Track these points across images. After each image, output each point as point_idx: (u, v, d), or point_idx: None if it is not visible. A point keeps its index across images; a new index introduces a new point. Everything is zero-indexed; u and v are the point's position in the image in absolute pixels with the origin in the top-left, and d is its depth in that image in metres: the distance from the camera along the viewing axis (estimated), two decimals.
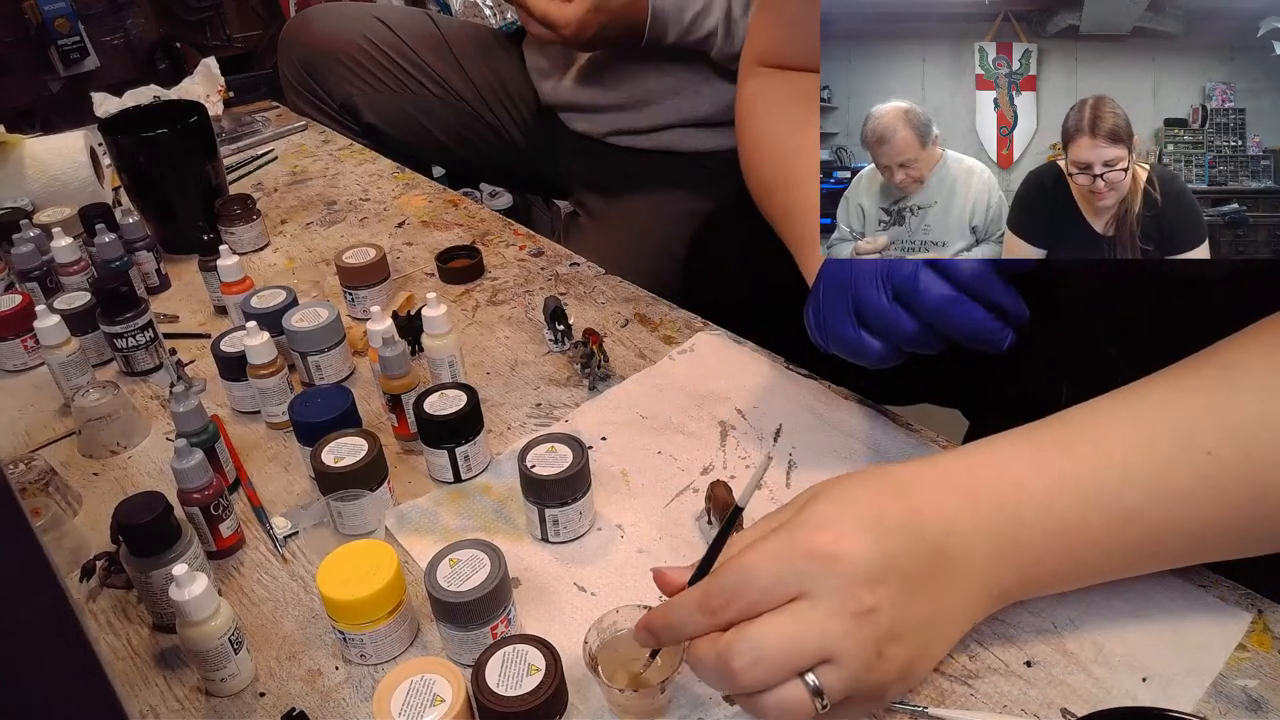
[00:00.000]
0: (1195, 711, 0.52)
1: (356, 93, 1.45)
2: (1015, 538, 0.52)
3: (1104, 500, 0.52)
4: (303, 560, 0.71)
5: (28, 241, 1.01)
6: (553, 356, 0.90)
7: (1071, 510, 0.52)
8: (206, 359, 0.92)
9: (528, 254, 1.08)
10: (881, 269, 0.60)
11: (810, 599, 0.48)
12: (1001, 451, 0.55)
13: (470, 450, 0.74)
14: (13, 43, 2.34)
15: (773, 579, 0.49)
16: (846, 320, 0.63)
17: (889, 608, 0.49)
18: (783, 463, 0.74)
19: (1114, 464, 0.52)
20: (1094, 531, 0.52)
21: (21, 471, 0.75)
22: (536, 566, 0.67)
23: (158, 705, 0.61)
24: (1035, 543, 0.52)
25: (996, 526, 0.52)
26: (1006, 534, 0.52)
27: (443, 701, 0.54)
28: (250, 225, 1.13)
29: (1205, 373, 0.53)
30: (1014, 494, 0.52)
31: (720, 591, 0.50)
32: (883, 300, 0.61)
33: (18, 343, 0.93)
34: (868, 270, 0.61)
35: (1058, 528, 0.52)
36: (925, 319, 0.60)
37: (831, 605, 0.48)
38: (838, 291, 0.63)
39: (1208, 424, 0.51)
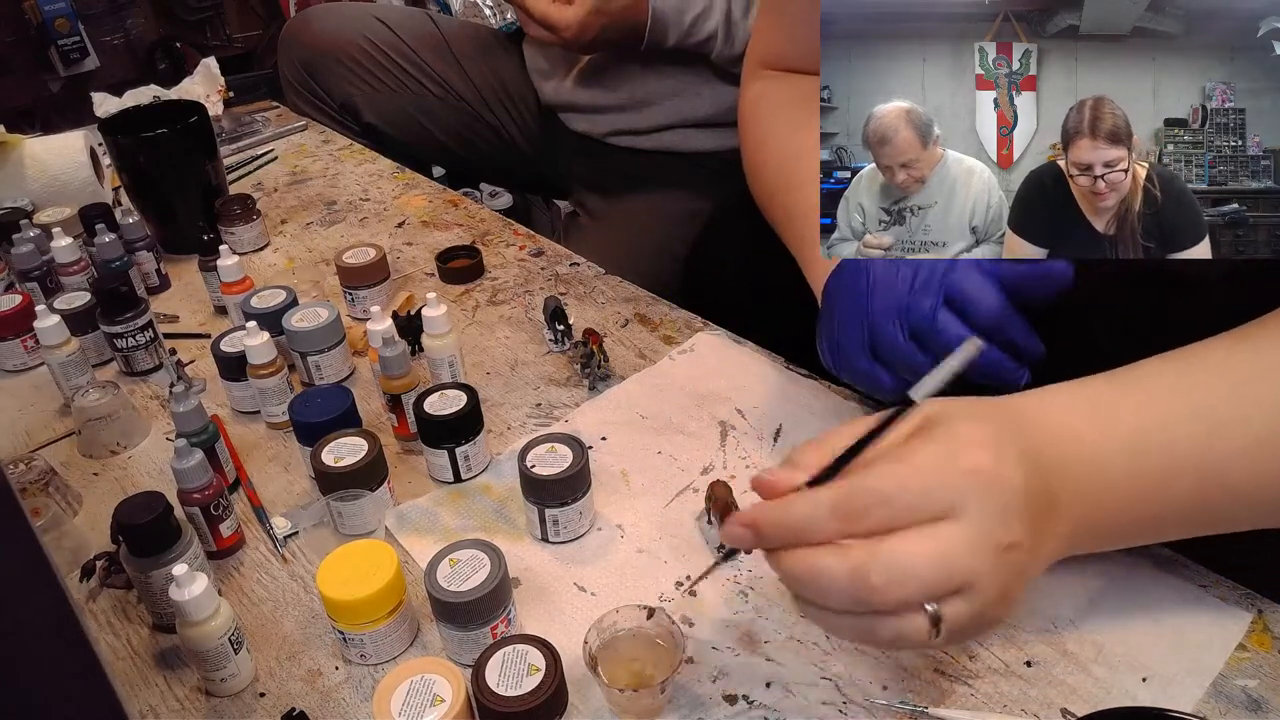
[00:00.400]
0: (1195, 711, 0.52)
1: (356, 93, 1.45)
2: (1106, 484, 0.51)
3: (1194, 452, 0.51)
4: (303, 560, 0.71)
5: (28, 241, 1.01)
6: (553, 356, 0.90)
7: (1160, 460, 0.51)
8: (206, 359, 0.92)
9: (528, 254, 1.08)
10: (900, 307, 0.60)
11: (958, 521, 0.45)
12: (1100, 396, 0.53)
13: (470, 450, 0.74)
14: (13, 43, 2.34)
15: (925, 491, 0.45)
16: (861, 354, 0.62)
17: (1026, 546, 0.46)
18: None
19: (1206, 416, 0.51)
20: (1181, 485, 0.51)
21: (21, 471, 0.75)
22: (536, 566, 0.67)
23: (158, 705, 0.61)
24: (1122, 491, 0.51)
25: (1093, 470, 0.51)
26: (1099, 479, 0.51)
27: (443, 701, 0.54)
28: (250, 225, 1.13)
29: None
30: (1110, 440, 0.51)
31: (863, 494, 0.45)
32: (899, 338, 0.60)
33: (18, 343, 0.93)
34: (885, 307, 0.60)
35: (1146, 477, 0.51)
36: (941, 358, 0.60)
37: (981, 532, 0.45)
38: (853, 324, 0.62)
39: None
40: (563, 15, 1.15)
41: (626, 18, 1.18)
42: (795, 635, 0.61)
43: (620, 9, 1.17)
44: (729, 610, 0.63)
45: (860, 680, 0.57)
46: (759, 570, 0.65)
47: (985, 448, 0.47)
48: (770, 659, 0.59)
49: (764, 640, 0.61)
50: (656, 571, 0.66)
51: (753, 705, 0.57)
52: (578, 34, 1.16)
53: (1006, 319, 0.59)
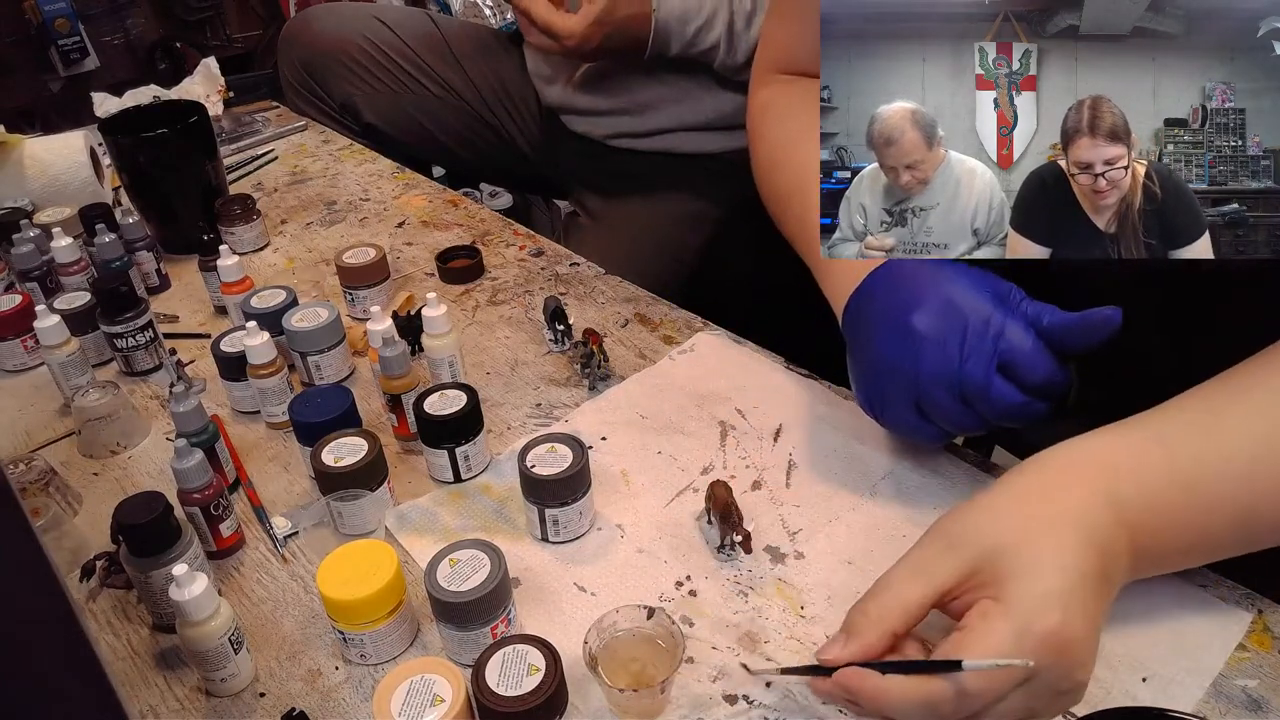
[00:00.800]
0: (1195, 711, 0.52)
1: (356, 93, 1.45)
2: (1162, 516, 0.53)
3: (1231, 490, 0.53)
4: (303, 560, 0.71)
5: (28, 241, 1.01)
6: (553, 356, 0.90)
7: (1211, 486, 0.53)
8: (206, 359, 0.92)
9: (528, 254, 1.08)
10: (954, 379, 0.60)
11: (1029, 684, 0.49)
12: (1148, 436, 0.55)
13: (470, 450, 0.74)
14: (13, 43, 2.34)
15: (1003, 690, 0.49)
16: (908, 411, 0.64)
17: (1089, 658, 0.50)
18: (783, 463, 0.74)
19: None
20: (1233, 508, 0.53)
21: (21, 471, 0.75)
22: (536, 566, 0.67)
23: (158, 705, 0.61)
24: (1178, 518, 0.54)
25: (1151, 505, 0.53)
26: (1156, 512, 0.53)
27: (443, 701, 0.54)
28: (250, 225, 1.13)
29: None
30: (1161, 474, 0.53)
31: (954, 698, 0.49)
32: (952, 404, 0.61)
33: (18, 343, 0.93)
34: (936, 374, 0.61)
35: (1198, 504, 0.53)
36: (993, 420, 0.61)
37: (1048, 685, 0.49)
38: (900, 384, 0.63)
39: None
40: (566, 23, 1.15)
41: (630, 27, 1.17)
42: (795, 635, 0.61)
43: (624, 18, 1.16)
44: (729, 610, 0.63)
45: None
46: (759, 570, 0.65)
47: (1053, 609, 0.49)
48: (770, 659, 0.59)
49: (764, 640, 0.61)
50: (656, 571, 0.66)
51: (753, 705, 0.57)
52: (580, 43, 1.16)
53: (1056, 375, 0.60)
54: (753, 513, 0.69)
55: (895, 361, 0.62)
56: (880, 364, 0.64)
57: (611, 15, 1.15)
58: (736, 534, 0.65)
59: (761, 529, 0.68)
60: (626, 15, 1.16)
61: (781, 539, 0.68)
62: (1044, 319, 0.60)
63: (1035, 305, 0.61)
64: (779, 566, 0.66)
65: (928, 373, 0.61)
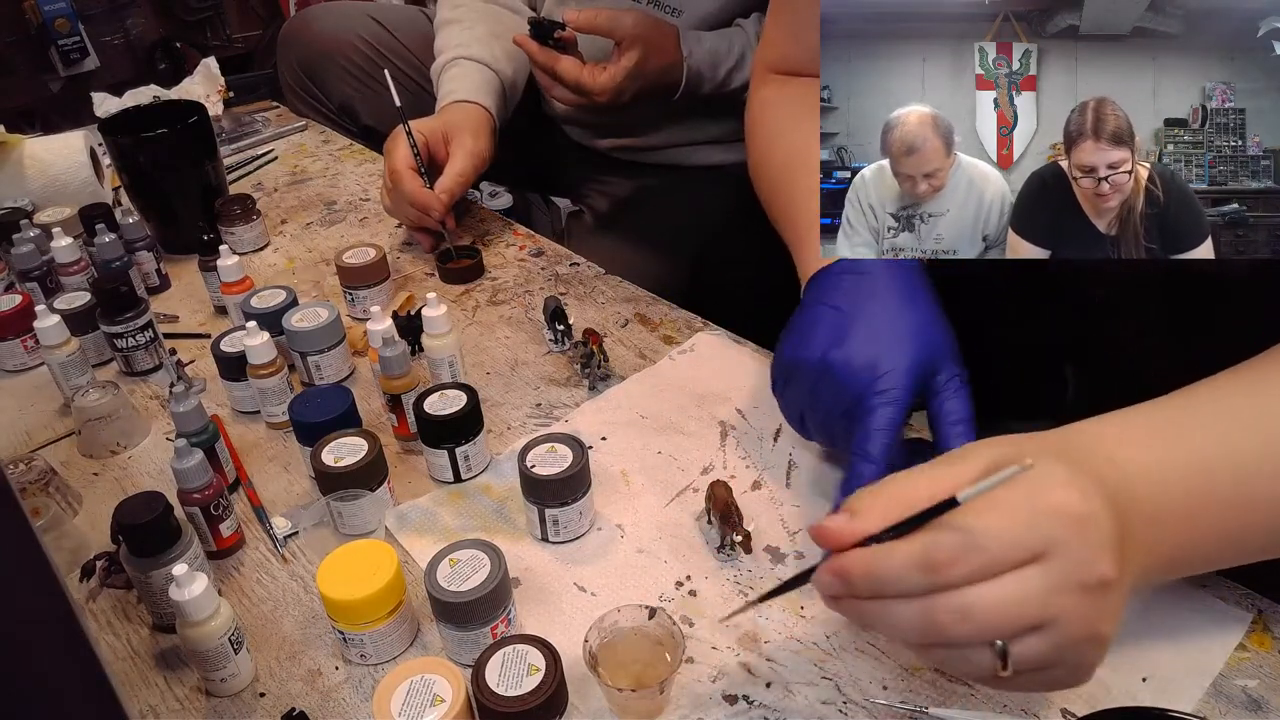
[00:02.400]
0: (1195, 711, 0.52)
1: (354, 94, 1.45)
2: (1175, 515, 0.50)
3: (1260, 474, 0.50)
4: (303, 560, 0.71)
5: (28, 241, 1.01)
6: (553, 356, 0.90)
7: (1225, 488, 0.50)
8: (206, 359, 0.92)
9: (528, 254, 1.08)
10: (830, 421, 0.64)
11: (1045, 564, 0.44)
12: (1157, 422, 0.52)
13: (470, 450, 0.74)
14: (13, 43, 2.35)
15: (1014, 540, 0.44)
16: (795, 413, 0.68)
17: (1116, 583, 0.45)
18: (783, 463, 0.74)
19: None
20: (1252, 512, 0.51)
21: (21, 471, 0.75)
22: (536, 566, 0.67)
23: (158, 705, 0.61)
24: (1192, 520, 0.50)
25: (1161, 500, 0.49)
26: (1168, 510, 0.50)
27: (443, 701, 0.54)
28: (250, 225, 1.13)
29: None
30: (1172, 468, 0.50)
31: (952, 546, 0.44)
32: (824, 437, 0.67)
33: (18, 343, 0.93)
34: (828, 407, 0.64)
35: (1212, 503, 0.50)
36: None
37: (1068, 572, 0.44)
38: (795, 392, 0.66)
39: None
40: (596, 80, 1.11)
41: (662, 78, 1.14)
42: (795, 635, 0.61)
43: (657, 71, 1.13)
44: (729, 610, 0.63)
45: (860, 680, 0.57)
46: (759, 571, 0.65)
47: (1069, 486, 0.45)
48: (770, 659, 0.59)
49: (764, 640, 0.61)
50: (656, 571, 0.66)
51: (753, 705, 0.57)
52: (613, 99, 1.12)
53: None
54: (753, 513, 0.69)
55: (799, 374, 0.65)
56: (791, 359, 0.65)
57: (644, 69, 1.11)
58: (737, 534, 0.65)
59: (761, 529, 0.68)
60: (658, 66, 1.13)
61: (781, 539, 0.68)
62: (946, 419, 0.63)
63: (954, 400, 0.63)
64: (779, 566, 0.66)
65: (823, 401, 0.64)
